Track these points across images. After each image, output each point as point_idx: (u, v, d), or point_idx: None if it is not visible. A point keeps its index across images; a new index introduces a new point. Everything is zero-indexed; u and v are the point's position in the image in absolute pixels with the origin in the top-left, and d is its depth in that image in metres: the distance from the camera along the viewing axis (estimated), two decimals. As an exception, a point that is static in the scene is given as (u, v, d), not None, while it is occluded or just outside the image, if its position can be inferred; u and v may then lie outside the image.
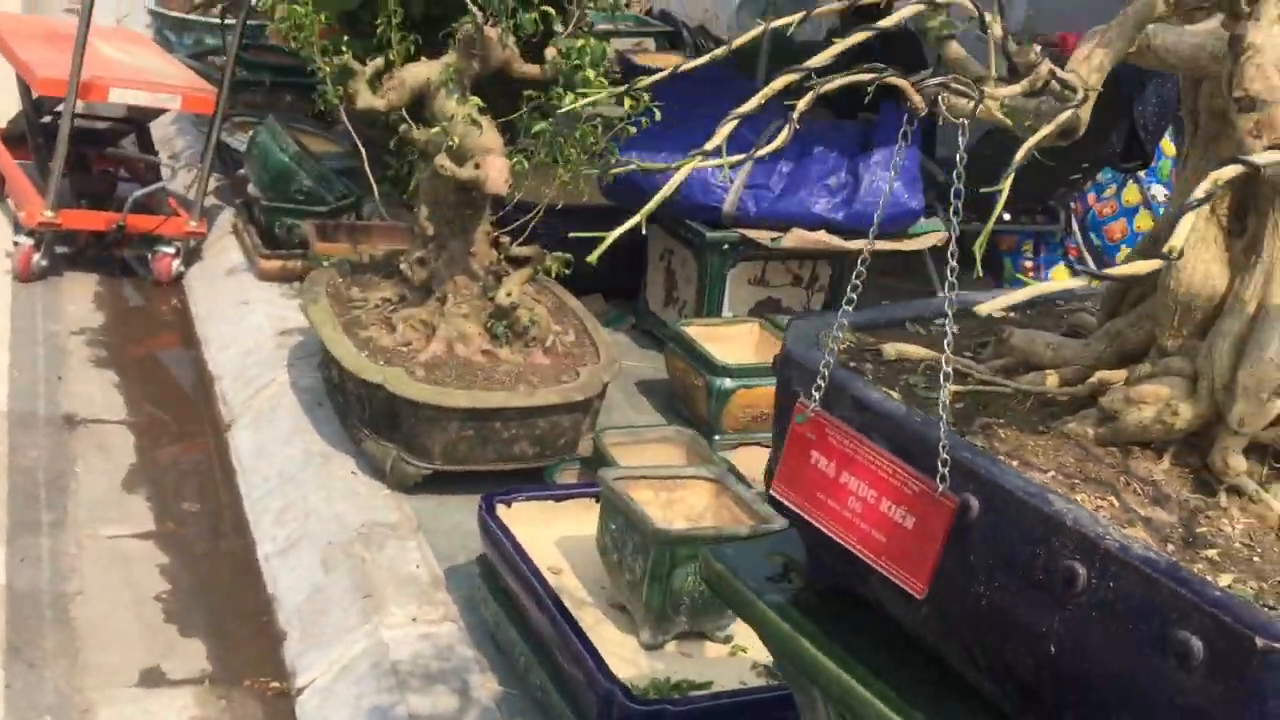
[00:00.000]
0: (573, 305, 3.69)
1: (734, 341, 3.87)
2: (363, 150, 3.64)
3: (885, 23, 1.31)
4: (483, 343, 3.36)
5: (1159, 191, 5.17)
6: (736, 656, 2.56)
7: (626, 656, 2.47)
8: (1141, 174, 5.20)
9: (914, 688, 1.26)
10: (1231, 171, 0.98)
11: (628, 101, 2.97)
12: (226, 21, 5.04)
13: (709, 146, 1.25)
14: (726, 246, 3.94)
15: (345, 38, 3.38)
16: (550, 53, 3.26)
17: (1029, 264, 5.28)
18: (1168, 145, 4.90)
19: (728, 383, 3.53)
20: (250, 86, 5.61)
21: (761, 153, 1.23)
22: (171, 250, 4.61)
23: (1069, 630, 1.06)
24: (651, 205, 1.27)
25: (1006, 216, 5.03)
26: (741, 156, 1.24)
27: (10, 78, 4.83)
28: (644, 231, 1.21)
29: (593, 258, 1.21)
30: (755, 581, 1.50)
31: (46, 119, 4.77)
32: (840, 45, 1.26)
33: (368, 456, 3.29)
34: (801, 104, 1.18)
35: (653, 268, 4.33)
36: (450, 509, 3.17)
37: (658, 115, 2.96)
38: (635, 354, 4.18)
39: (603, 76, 3.12)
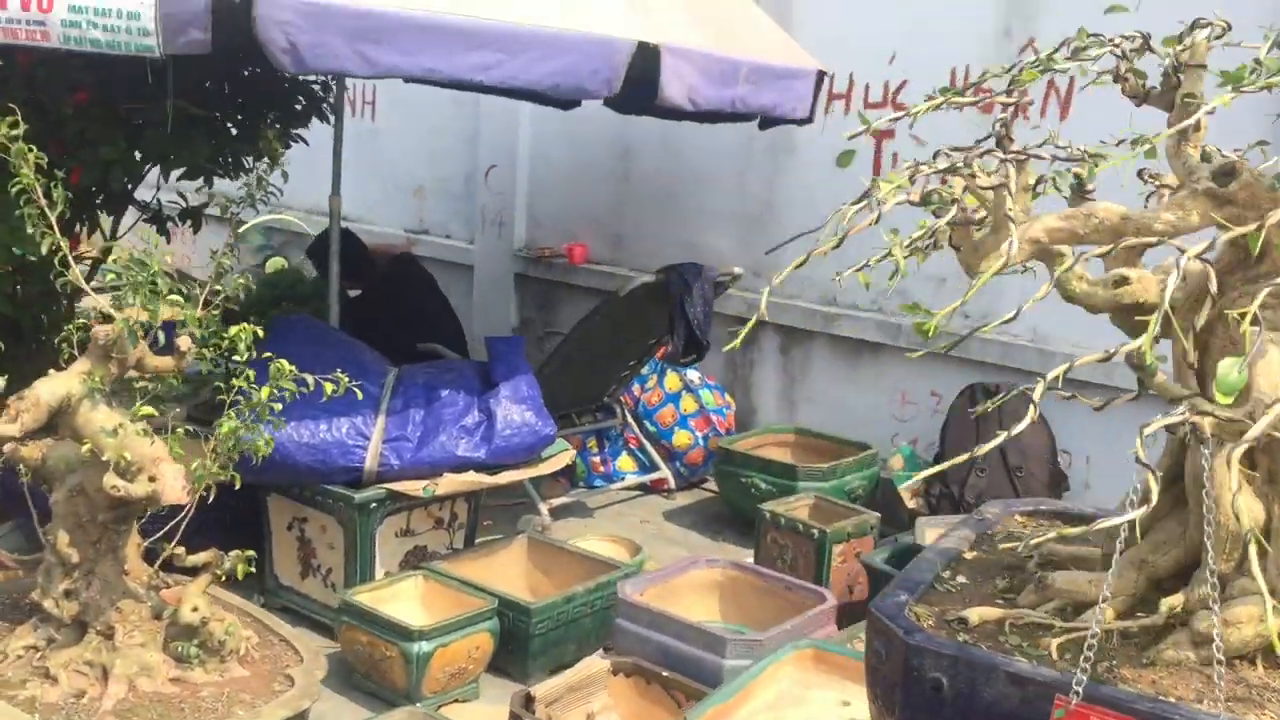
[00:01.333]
0: (227, 599, 3.39)
1: (406, 600, 3.77)
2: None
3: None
4: (169, 670, 3.00)
5: (693, 375, 5.82)
6: None
7: None
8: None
9: None
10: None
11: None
12: None
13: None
14: (374, 505, 3.85)
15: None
16: (184, 343, 3.08)
17: (596, 459, 5.65)
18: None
19: (425, 646, 3.44)
20: None
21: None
22: None
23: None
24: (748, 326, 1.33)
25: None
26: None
27: None
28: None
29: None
30: None
31: None
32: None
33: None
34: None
35: (278, 541, 4.10)
36: None
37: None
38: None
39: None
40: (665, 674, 3.28)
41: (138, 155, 4.41)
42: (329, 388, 3.02)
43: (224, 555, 3.12)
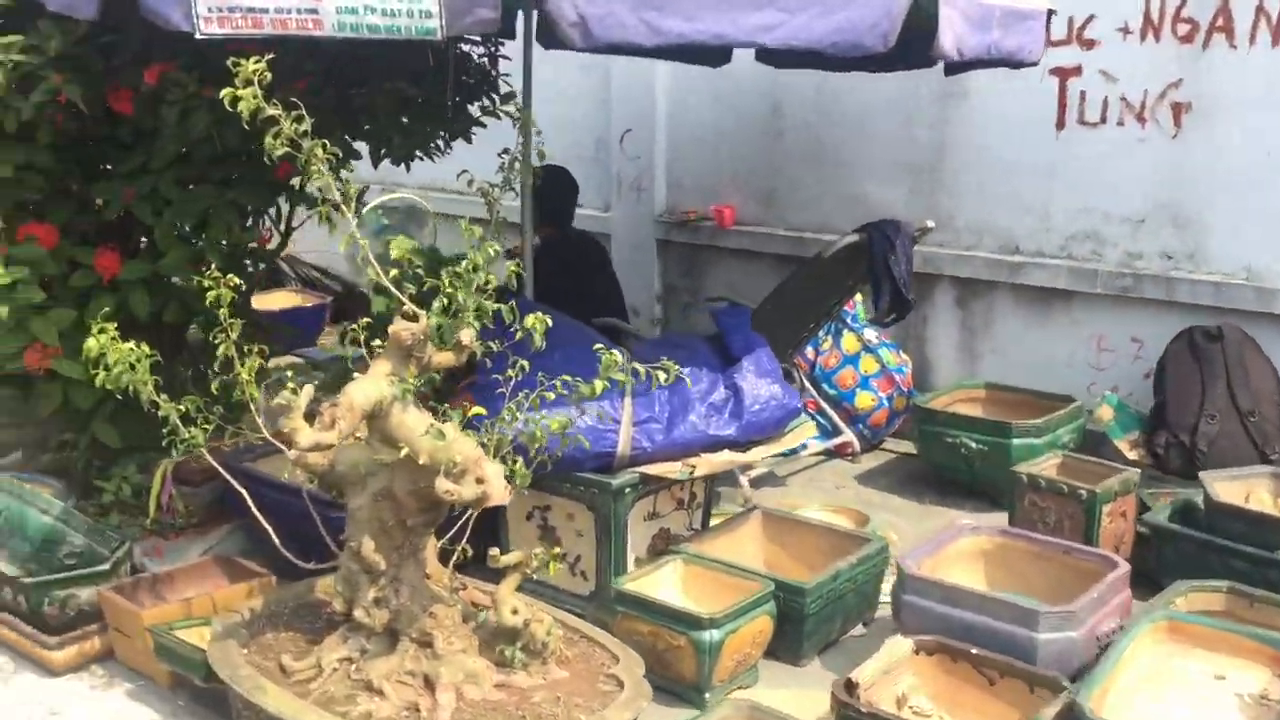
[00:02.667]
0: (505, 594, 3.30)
1: (669, 585, 3.68)
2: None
3: None
4: (493, 675, 2.92)
5: (870, 335, 5.67)
6: None
7: None
8: (853, 323, 5.70)
9: None
10: None
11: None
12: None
13: None
14: (628, 490, 3.74)
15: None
16: (466, 335, 2.97)
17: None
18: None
19: (716, 634, 3.34)
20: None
21: None
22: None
23: None
24: None
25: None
26: None
27: None
28: None
29: None
30: None
31: None
32: None
33: None
34: None
35: (515, 530, 4.00)
36: None
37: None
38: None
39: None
40: (974, 651, 3.17)
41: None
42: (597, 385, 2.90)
43: (528, 553, 3.03)
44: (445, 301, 2.95)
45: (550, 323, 2.99)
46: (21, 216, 4.07)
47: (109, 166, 4.34)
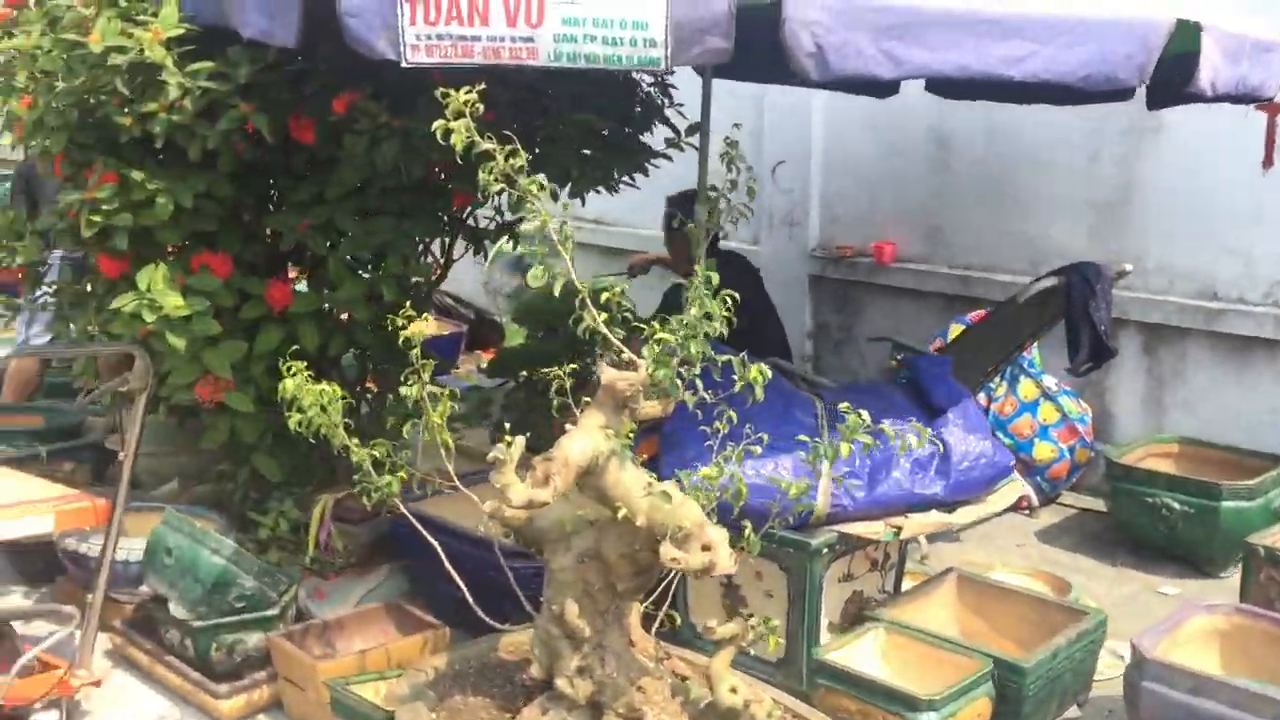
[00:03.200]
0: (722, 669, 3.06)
1: (870, 655, 3.41)
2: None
3: None
4: (706, 758, 2.68)
5: (1050, 381, 5.34)
6: None
7: None
8: (1030, 369, 5.37)
9: None
10: None
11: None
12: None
13: None
14: (826, 550, 3.49)
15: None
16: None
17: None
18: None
19: (932, 716, 3.07)
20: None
21: None
22: None
23: None
24: None
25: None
26: None
27: None
28: None
29: None
30: None
31: None
32: None
33: None
34: None
35: (695, 587, 3.76)
36: None
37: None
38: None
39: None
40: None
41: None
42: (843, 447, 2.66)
43: (745, 624, 2.79)
44: (656, 348, 2.74)
45: (769, 374, 2.76)
46: (194, 246, 3.98)
47: (275, 194, 4.24)
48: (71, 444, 4.95)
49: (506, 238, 4.83)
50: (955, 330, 5.45)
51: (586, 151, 3.83)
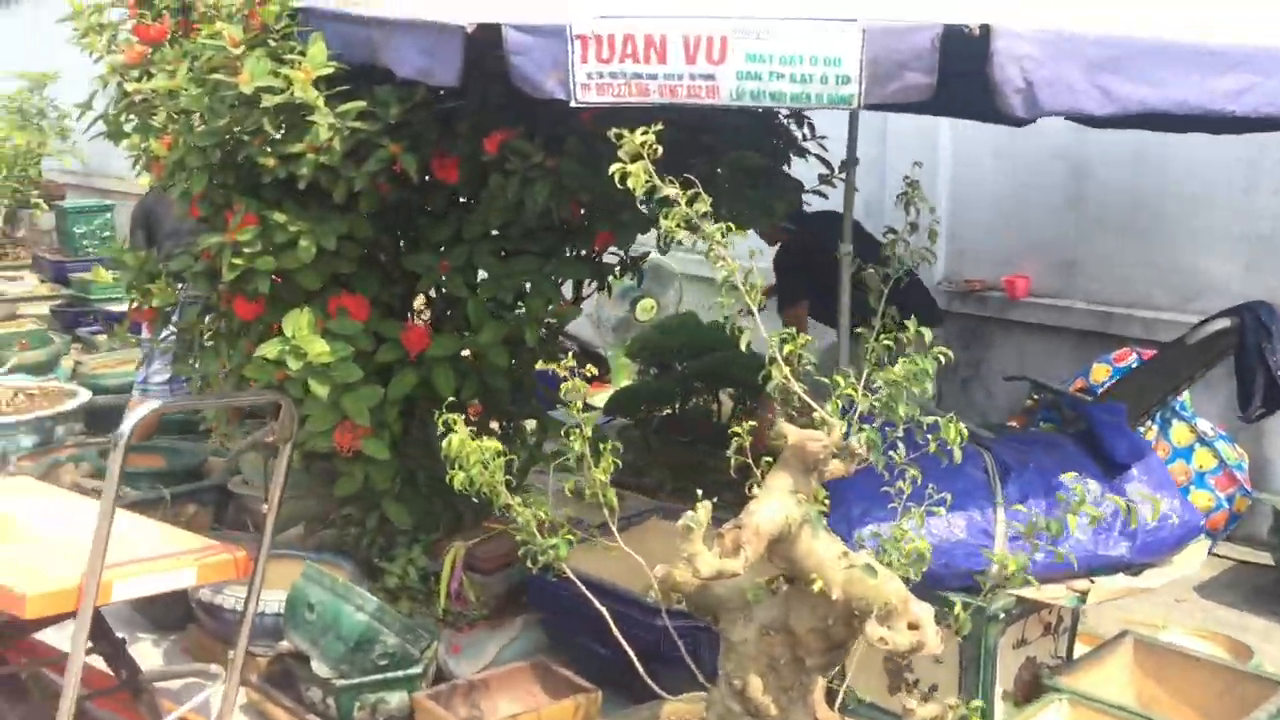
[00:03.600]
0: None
1: (1059, 732, 3.18)
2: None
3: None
4: None
5: (1205, 426, 5.05)
6: None
7: None
8: (1182, 412, 5.09)
9: None
10: None
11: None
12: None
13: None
14: (1003, 615, 3.26)
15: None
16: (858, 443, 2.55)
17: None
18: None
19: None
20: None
21: None
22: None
23: None
24: None
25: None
26: None
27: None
28: None
29: None
30: None
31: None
32: None
33: None
34: None
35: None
36: None
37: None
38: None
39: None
40: None
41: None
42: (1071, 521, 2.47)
43: (947, 705, 2.59)
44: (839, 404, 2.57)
45: (967, 435, 2.57)
46: (331, 288, 3.88)
47: (410, 235, 4.14)
48: (195, 486, 4.87)
49: (631, 274, 4.68)
50: (1098, 369, 5.19)
51: (749, 190, 3.66)
